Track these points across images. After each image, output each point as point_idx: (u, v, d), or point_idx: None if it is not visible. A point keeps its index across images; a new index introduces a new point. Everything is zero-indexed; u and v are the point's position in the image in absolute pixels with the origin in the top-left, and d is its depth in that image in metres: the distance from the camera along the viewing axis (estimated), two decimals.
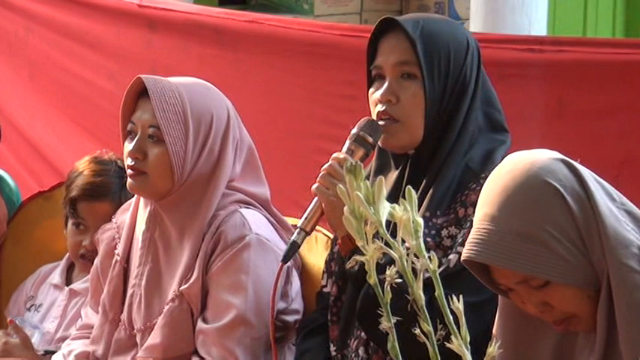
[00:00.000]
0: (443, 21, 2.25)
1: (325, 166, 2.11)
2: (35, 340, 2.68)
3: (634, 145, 2.72)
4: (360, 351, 2.16)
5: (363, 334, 2.16)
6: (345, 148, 2.13)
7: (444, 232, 2.08)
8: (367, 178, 2.12)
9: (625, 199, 1.70)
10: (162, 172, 2.32)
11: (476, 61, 2.18)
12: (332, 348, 2.23)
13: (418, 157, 2.16)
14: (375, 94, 2.16)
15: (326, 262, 2.32)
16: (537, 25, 4.20)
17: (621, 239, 1.62)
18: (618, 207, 1.67)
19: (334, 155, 2.12)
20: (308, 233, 2.13)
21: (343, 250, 2.11)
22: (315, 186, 2.10)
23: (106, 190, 2.68)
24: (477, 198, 1.72)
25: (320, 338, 2.28)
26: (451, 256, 2.02)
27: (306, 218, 2.12)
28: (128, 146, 2.35)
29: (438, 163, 2.13)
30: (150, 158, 2.33)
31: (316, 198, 2.11)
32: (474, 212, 1.73)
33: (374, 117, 2.15)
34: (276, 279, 2.13)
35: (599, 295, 1.63)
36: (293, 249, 2.12)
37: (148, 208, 2.41)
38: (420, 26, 2.13)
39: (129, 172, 2.35)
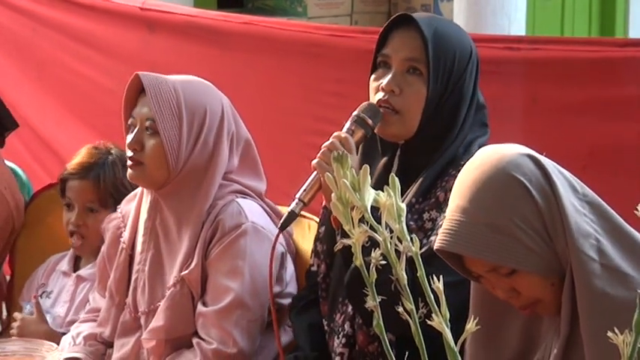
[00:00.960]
0: (453, 25, 2.27)
1: (326, 143, 2.10)
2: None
3: (600, 138, 2.74)
4: (346, 326, 2.18)
5: (349, 309, 2.18)
6: (345, 128, 2.13)
7: (426, 216, 2.09)
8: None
9: (587, 190, 1.73)
10: (158, 163, 2.35)
11: (475, 68, 2.18)
12: (324, 322, 2.25)
13: (407, 147, 2.17)
14: (377, 81, 2.16)
15: (314, 241, 2.33)
16: (516, 26, 4.21)
17: (582, 230, 1.65)
18: (580, 198, 1.70)
19: (335, 134, 2.12)
20: (306, 204, 2.12)
21: (336, 224, 2.09)
22: (315, 161, 2.09)
23: (85, 169, 2.71)
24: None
25: (313, 312, 2.29)
26: (432, 238, 2.03)
27: (304, 190, 2.11)
28: (128, 139, 2.38)
29: (429, 157, 2.13)
30: (146, 149, 2.35)
31: (315, 172, 2.10)
32: None
33: (373, 102, 2.15)
34: (270, 261, 2.14)
35: (562, 282, 1.66)
36: (291, 217, 2.10)
37: (149, 198, 2.44)
38: (434, 27, 2.13)
39: (128, 162, 2.39)
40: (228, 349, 2.30)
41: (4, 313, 3.03)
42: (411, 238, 1.20)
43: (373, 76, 2.17)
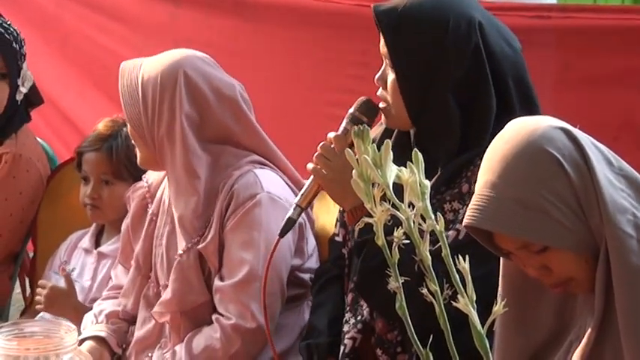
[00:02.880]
0: (427, 3, 2.05)
1: (320, 146, 2.07)
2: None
3: (634, 110, 2.69)
4: (365, 312, 2.14)
5: None
6: (341, 127, 2.10)
7: (447, 207, 2.03)
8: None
9: (623, 164, 1.68)
10: (140, 145, 2.39)
11: (464, 41, 2.01)
12: (348, 298, 2.20)
13: (418, 136, 2.10)
14: None
15: (340, 211, 2.28)
16: None
17: (618, 206, 1.60)
18: (616, 173, 1.65)
19: (329, 135, 2.08)
20: (303, 209, 2.10)
21: (350, 222, 2.07)
22: (310, 166, 2.07)
23: (99, 141, 2.73)
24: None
25: (334, 290, 2.25)
26: (450, 232, 1.98)
27: (302, 195, 2.09)
28: None
29: (443, 144, 2.05)
30: (130, 136, 2.44)
31: (312, 176, 2.08)
32: None
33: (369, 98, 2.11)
34: (271, 253, 2.10)
35: (596, 259, 1.62)
36: (289, 224, 2.09)
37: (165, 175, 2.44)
38: (395, 15, 2.03)
39: None
40: (247, 323, 2.27)
41: (28, 290, 3.04)
42: (436, 216, 1.14)
43: None
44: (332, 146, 2.05)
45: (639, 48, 2.73)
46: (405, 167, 1.14)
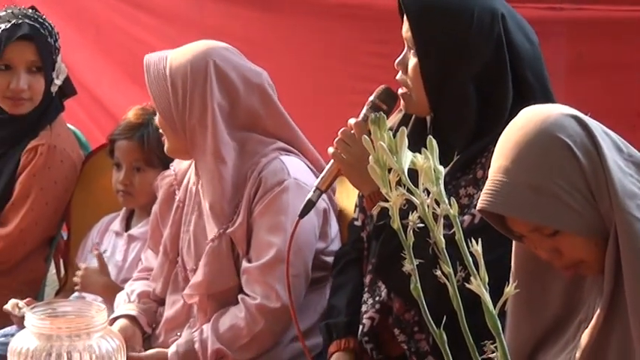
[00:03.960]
0: None
1: (340, 131, 2.06)
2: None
3: None
4: (383, 293, 2.13)
5: None
6: (361, 114, 2.08)
7: (462, 192, 2.01)
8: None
9: (632, 150, 1.66)
10: (169, 134, 2.37)
11: (487, 33, 2.00)
12: (366, 279, 2.19)
13: (436, 122, 2.08)
14: None
15: (358, 196, 2.26)
16: None
17: (627, 191, 1.59)
18: (626, 159, 1.63)
19: (349, 121, 2.07)
20: (323, 192, 2.09)
21: (369, 206, 2.07)
22: (331, 150, 2.06)
23: (130, 129, 2.73)
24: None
25: (354, 272, 2.24)
26: (465, 217, 1.96)
27: (322, 178, 2.08)
28: None
29: (460, 131, 2.03)
30: (158, 125, 2.40)
31: (332, 160, 2.07)
32: None
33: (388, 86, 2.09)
34: (292, 233, 2.09)
35: (606, 242, 1.61)
36: (308, 206, 2.08)
37: (193, 163, 2.43)
38: (421, 2, 2.01)
39: None
40: (271, 303, 2.27)
41: (62, 271, 3.05)
42: (449, 201, 1.12)
43: None
44: (352, 132, 2.04)
45: None
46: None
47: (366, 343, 2.12)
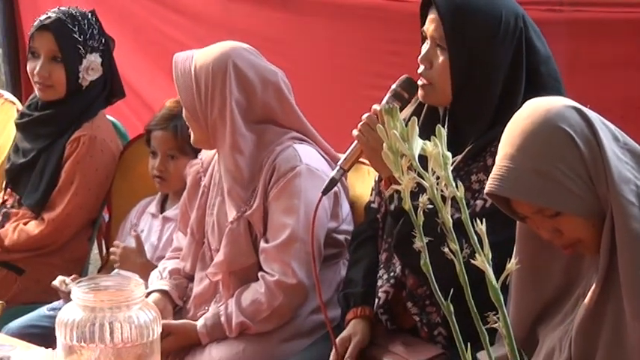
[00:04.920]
0: None
1: (365, 116, 2.06)
2: None
3: (636, 93, 2.66)
4: (398, 268, 2.13)
5: None
6: (384, 101, 2.08)
7: (473, 177, 2.01)
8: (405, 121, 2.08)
9: (628, 139, 1.66)
10: (193, 126, 2.39)
11: (515, 34, 2.01)
12: (382, 256, 2.19)
13: (452, 113, 2.08)
14: (421, 54, 2.08)
15: (375, 180, 2.27)
16: None
17: (623, 177, 1.60)
18: (621, 147, 1.64)
19: (373, 107, 2.07)
20: (346, 171, 2.10)
21: (386, 188, 2.07)
22: (355, 132, 2.06)
23: (165, 120, 2.74)
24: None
25: (370, 248, 2.24)
26: (478, 202, 1.97)
27: (345, 158, 2.09)
28: None
29: (475, 122, 2.03)
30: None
31: (355, 142, 2.07)
32: None
33: (409, 76, 2.09)
34: (315, 210, 2.10)
35: (602, 223, 1.61)
36: (332, 183, 2.10)
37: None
38: (455, 3, 2.01)
39: None
40: (288, 279, 2.28)
41: (104, 251, 3.06)
42: (456, 184, 1.13)
43: (422, 47, 2.09)
44: (375, 117, 2.03)
45: None
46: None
47: (381, 315, 2.13)
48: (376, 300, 2.14)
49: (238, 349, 2.31)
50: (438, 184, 1.14)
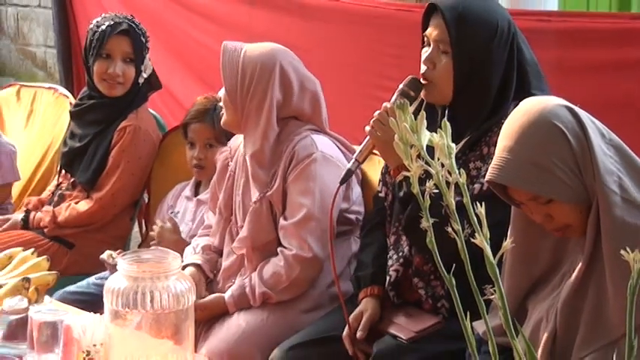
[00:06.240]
0: (480, 3, 2.07)
1: (376, 113, 2.07)
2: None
3: (615, 93, 2.66)
4: (405, 249, 2.15)
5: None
6: (392, 99, 2.10)
7: (471, 165, 2.03)
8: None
9: (613, 135, 1.68)
10: (229, 109, 2.38)
11: (508, 38, 2.04)
12: (391, 239, 2.21)
13: (452, 110, 2.09)
14: (423, 56, 2.09)
15: (382, 173, 2.29)
16: (551, 2, 4.14)
17: (607, 169, 1.61)
18: (607, 143, 1.65)
19: (384, 105, 2.08)
20: (360, 163, 2.12)
21: (395, 176, 2.09)
22: (368, 128, 2.08)
23: (202, 114, 2.75)
24: (497, 139, 1.69)
25: (378, 233, 2.26)
26: (476, 186, 1.99)
27: (359, 152, 2.11)
28: None
29: (472, 117, 2.04)
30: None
31: (368, 137, 2.09)
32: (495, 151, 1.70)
33: (415, 77, 2.10)
34: (334, 197, 2.13)
35: (589, 210, 1.63)
36: (348, 174, 2.13)
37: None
38: (458, 12, 2.02)
39: None
40: (304, 253, 2.29)
41: (144, 229, 3.08)
42: (459, 171, 1.15)
43: (423, 50, 2.11)
44: (386, 114, 2.05)
45: (620, 44, 2.69)
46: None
47: (389, 291, 2.15)
48: (387, 278, 2.15)
49: (262, 317, 2.33)
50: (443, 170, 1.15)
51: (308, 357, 2.13)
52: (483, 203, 1.11)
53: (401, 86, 2.11)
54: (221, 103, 2.44)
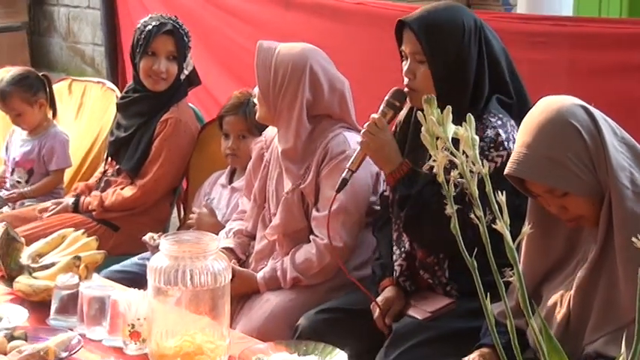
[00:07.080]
0: (444, 9, 2.07)
1: (365, 125, 2.08)
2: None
3: (625, 94, 2.64)
4: (407, 245, 2.15)
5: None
6: (380, 110, 2.11)
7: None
8: (400, 123, 2.16)
9: (625, 134, 1.67)
10: (262, 106, 2.39)
11: (475, 36, 2.03)
12: (394, 235, 2.21)
13: (438, 108, 2.09)
14: (403, 69, 2.10)
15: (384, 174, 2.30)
16: (566, 8, 4.10)
17: (620, 165, 1.61)
18: (619, 140, 1.65)
19: (372, 116, 2.09)
20: (354, 171, 2.12)
21: (390, 182, 2.10)
22: (358, 139, 2.10)
23: (236, 108, 2.76)
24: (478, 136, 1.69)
25: (388, 230, 2.26)
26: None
27: (352, 161, 2.11)
28: None
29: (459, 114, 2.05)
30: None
31: (359, 147, 2.10)
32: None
33: (399, 88, 2.11)
34: (330, 206, 2.15)
35: (602, 203, 1.62)
36: (343, 184, 2.12)
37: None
38: (425, 23, 2.02)
39: None
40: (336, 243, 2.30)
41: (182, 214, 3.11)
42: (482, 162, 1.14)
43: (403, 64, 2.11)
44: (374, 125, 2.06)
45: (633, 48, 2.67)
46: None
47: (403, 282, 2.16)
48: (394, 272, 2.17)
49: (291, 296, 2.34)
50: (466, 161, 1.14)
51: (332, 320, 2.15)
52: (504, 192, 1.09)
53: (387, 97, 2.12)
54: (255, 99, 2.45)
